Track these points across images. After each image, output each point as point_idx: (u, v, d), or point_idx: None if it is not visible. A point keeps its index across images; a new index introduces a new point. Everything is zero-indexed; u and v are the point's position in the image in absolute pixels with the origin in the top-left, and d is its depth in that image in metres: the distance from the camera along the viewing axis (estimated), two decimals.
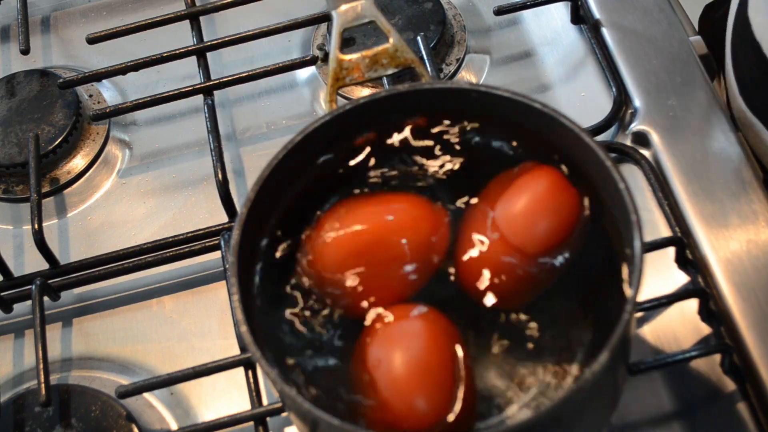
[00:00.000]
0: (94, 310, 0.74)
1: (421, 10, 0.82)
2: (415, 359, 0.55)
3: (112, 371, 0.71)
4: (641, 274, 0.53)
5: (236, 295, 0.55)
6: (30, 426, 0.68)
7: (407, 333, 0.56)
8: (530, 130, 0.59)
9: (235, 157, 0.80)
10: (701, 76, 0.76)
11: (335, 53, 0.73)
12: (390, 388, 0.54)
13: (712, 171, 0.71)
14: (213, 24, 0.86)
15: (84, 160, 0.81)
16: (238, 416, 0.65)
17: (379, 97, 0.60)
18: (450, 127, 0.61)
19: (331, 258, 0.58)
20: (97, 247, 0.76)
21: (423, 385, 0.54)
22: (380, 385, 0.54)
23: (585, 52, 0.80)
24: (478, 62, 0.82)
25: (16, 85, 0.83)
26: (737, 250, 0.67)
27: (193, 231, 0.74)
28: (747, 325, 0.64)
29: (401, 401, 0.54)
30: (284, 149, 0.59)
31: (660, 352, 0.66)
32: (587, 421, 0.57)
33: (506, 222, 0.57)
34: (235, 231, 0.56)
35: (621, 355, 0.56)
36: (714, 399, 0.64)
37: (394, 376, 0.54)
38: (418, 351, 0.55)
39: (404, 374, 0.54)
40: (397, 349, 0.55)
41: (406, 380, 0.54)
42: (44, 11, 0.90)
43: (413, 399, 0.54)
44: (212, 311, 0.73)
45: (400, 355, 0.55)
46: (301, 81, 0.83)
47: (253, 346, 0.53)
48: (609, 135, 0.75)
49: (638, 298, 0.52)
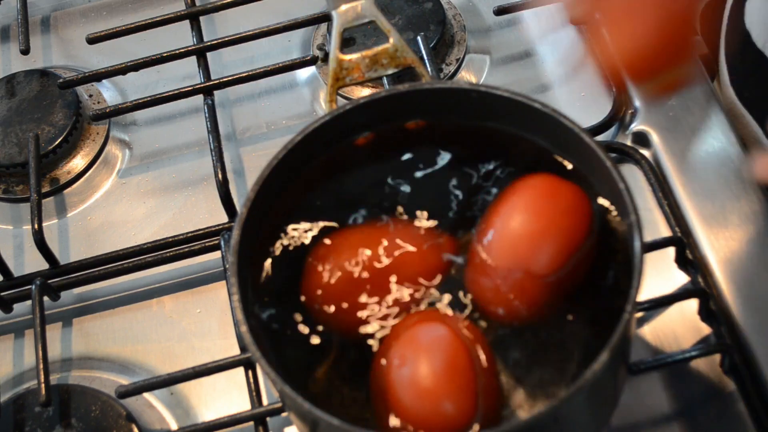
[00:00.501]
0: (94, 310, 0.74)
1: (421, 10, 0.82)
2: (440, 364, 0.54)
3: (112, 371, 0.71)
4: (641, 274, 0.53)
5: (236, 295, 0.55)
6: (30, 426, 0.68)
7: (429, 337, 0.55)
8: (530, 131, 0.59)
9: (235, 157, 0.80)
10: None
11: (335, 53, 0.73)
12: (416, 394, 0.53)
13: (712, 171, 0.71)
14: (213, 24, 0.86)
15: (84, 160, 0.81)
16: (238, 416, 0.65)
17: (379, 97, 0.60)
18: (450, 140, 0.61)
19: (335, 289, 0.57)
20: (97, 247, 0.76)
21: (450, 390, 0.53)
22: (404, 391, 0.53)
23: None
24: (478, 62, 0.82)
25: (16, 85, 0.83)
26: (737, 250, 0.67)
27: (193, 231, 0.74)
28: (747, 325, 0.64)
29: (429, 407, 0.53)
30: (284, 149, 0.59)
31: (660, 352, 0.66)
32: (587, 420, 0.57)
33: (514, 247, 0.56)
34: (235, 231, 0.56)
35: (621, 355, 0.56)
36: (714, 399, 0.64)
37: (419, 381, 0.53)
38: (443, 355, 0.54)
39: (430, 379, 0.53)
40: (421, 353, 0.54)
41: (433, 385, 0.53)
42: (44, 11, 0.90)
43: (441, 404, 0.53)
44: (212, 311, 0.73)
45: (424, 359, 0.54)
46: (301, 81, 0.83)
47: (253, 346, 0.53)
48: (609, 135, 0.75)
49: (638, 298, 0.52)
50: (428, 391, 0.53)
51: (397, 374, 0.54)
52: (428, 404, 0.53)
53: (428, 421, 0.53)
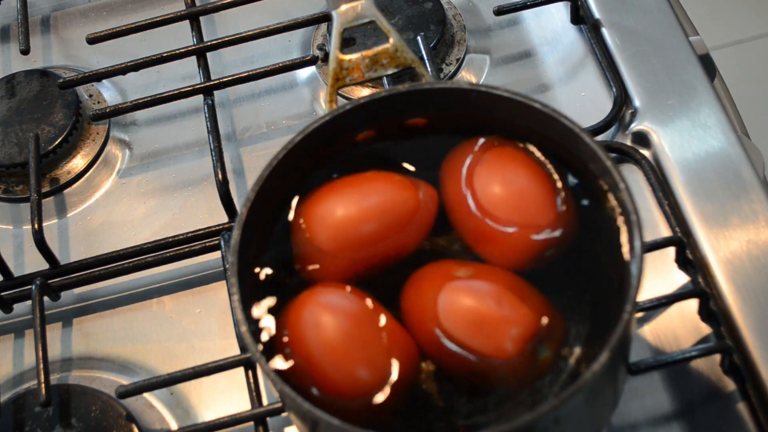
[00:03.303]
0: (94, 310, 0.74)
1: (421, 10, 0.82)
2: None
3: (112, 371, 0.71)
4: (641, 274, 0.53)
5: (236, 295, 0.55)
6: (30, 426, 0.68)
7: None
8: (529, 130, 0.60)
9: (235, 157, 0.80)
10: (701, 76, 0.76)
11: (335, 53, 0.73)
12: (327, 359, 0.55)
13: (712, 171, 0.71)
14: (213, 24, 0.86)
15: (84, 160, 0.81)
16: (238, 416, 0.65)
17: (379, 97, 0.61)
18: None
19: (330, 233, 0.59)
20: (97, 247, 0.76)
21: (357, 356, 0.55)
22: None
23: (585, 52, 0.80)
24: (478, 62, 0.82)
25: (16, 85, 0.83)
26: (737, 250, 0.67)
27: (193, 231, 0.74)
28: (747, 325, 0.64)
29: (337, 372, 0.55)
30: (284, 149, 0.59)
31: (660, 352, 0.66)
32: (587, 421, 0.57)
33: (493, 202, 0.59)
34: (235, 231, 0.56)
35: (621, 355, 0.56)
36: (714, 399, 0.64)
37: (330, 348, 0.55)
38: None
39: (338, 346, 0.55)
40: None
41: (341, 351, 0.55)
42: (44, 11, 0.90)
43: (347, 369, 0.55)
44: (212, 311, 0.73)
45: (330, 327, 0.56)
46: (301, 81, 0.83)
47: (253, 346, 0.53)
48: (609, 135, 0.75)
49: (638, 298, 0.52)
50: (333, 357, 0.55)
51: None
52: (336, 369, 0.55)
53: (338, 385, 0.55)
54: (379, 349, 0.55)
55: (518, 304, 0.55)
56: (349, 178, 0.61)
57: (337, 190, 0.60)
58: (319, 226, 0.59)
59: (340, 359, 0.55)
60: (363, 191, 0.60)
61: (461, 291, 0.57)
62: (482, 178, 0.59)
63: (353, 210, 0.59)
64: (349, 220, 0.59)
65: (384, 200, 0.60)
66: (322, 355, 0.55)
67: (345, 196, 0.60)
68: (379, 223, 0.59)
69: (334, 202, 0.59)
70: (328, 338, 0.56)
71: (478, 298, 0.56)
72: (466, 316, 0.56)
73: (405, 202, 0.59)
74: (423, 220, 0.60)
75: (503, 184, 0.59)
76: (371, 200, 0.60)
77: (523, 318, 0.55)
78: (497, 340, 0.55)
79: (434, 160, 0.62)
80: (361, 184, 0.61)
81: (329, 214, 0.59)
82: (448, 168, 0.61)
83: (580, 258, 0.58)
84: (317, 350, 0.55)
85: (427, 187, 0.60)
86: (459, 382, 0.56)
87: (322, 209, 0.59)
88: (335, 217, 0.59)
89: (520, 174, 0.59)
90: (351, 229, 0.59)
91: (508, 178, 0.59)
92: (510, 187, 0.59)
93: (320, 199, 0.60)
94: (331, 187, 0.60)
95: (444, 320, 0.56)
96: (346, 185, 0.61)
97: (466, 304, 0.56)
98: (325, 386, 0.54)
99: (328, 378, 0.55)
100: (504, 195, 0.59)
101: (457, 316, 0.56)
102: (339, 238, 0.59)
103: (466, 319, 0.56)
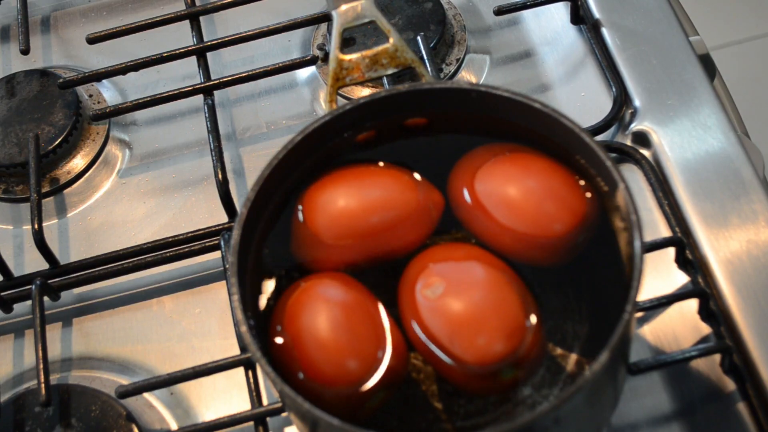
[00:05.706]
0: (94, 310, 0.74)
1: (421, 10, 0.82)
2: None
3: (112, 371, 0.71)
4: (641, 274, 0.53)
5: (236, 295, 0.55)
6: (30, 426, 0.68)
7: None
8: (529, 129, 0.60)
9: (235, 157, 0.80)
10: (701, 76, 0.76)
11: (335, 53, 0.73)
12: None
13: (712, 171, 0.71)
14: (213, 24, 0.86)
15: (84, 160, 0.81)
16: (238, 416, 0.65)
17: (379, 97, 0.61)
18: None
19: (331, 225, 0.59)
20: (97, 247, 0.76)
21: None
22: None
23: (585, 52, 0.80)
24: (478, 62, 0.82)
25: (16, 85, 0.83)
26: (737, 250, 0.67)
27: (193, 231, 0.74)
28: (747, 325, 0.64)
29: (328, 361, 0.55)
30: (284, 149, 0.59)
31: (660, 352, 0.66)
32: (587, 421, 0.57)
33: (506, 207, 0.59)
34: (235, 231, 0.56)
35: (621, 355, 0.56)
36: (714, 399, 0.64)
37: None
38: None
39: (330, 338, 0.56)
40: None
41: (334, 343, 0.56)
42: (44, 11, 0.90)
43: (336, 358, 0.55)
44: (212, 311, 0.73)
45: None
46: (301, 81, 0.83)
47: (253, 346, 0.53)
48: (609, 135, 0.75)
49: (638, 298, 0.52)
50: (323, 346, 0.55)
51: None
52: (326, 358, 0.55)
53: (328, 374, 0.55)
54: (368, 341, 0.55)
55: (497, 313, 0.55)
56: (352, 170, 0.61)
57: (338, 181, 0.60)
58: (318, 214, 0.59)
59: (331, 349, 0.55)
60: (364, 183, 0.61)
61: (437, 277, 0.57)
62: (498, 180, 0.59)
63: (353, 200, 0.60)
64: (348, 210, 0.59)
65: (385, 193, 0.60)
66: (315, 346, 0.55)
67: (345, 187, 0.60)
68: (379, 215, 0.59)
69: (334, 192, 0.60)
70: (321, 329, 0.56)
71: (456, 297, 0.56)
72: (442, 314, 0.56)
73: (405, 197, 0.59)
74: (424, 217, 0.60)
75: (520, 186, 0.59)
76: (372, 192, 0.60)
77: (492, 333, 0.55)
78: (465, 344, 0.55)
79: (434, 160, 0.62)
80: (363, 176, 0.61)
81: (328, 201, 0.59)
82: (460, 172, 0.61)
83: (580, 257, 0.58)
84: (310, 341, 0.55)
85: (430, 187, 0.60)
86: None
87: (322, 197, 0.60)
88: (334, 206, 0.59)
89: (537, 176, 0.59)
90: (350, 218, 0.59)
91: (526, 181, 0.59)
92: (528, 188, 0.59)
93: (320, 189, 0.60)
94: (332, 178, 0.61)
95: (421, 314, 0.56)
96: (347, 176, 0.61)
97: (442, 304, 0.56)
98: (315, 375, 0.55)
99: (319, 368, 0.55)
100: (522, 195, 0.59)
101: (433, 313, 0.56)
102: (336, 226, 0.59)
103: (441, 318, 0.56)
